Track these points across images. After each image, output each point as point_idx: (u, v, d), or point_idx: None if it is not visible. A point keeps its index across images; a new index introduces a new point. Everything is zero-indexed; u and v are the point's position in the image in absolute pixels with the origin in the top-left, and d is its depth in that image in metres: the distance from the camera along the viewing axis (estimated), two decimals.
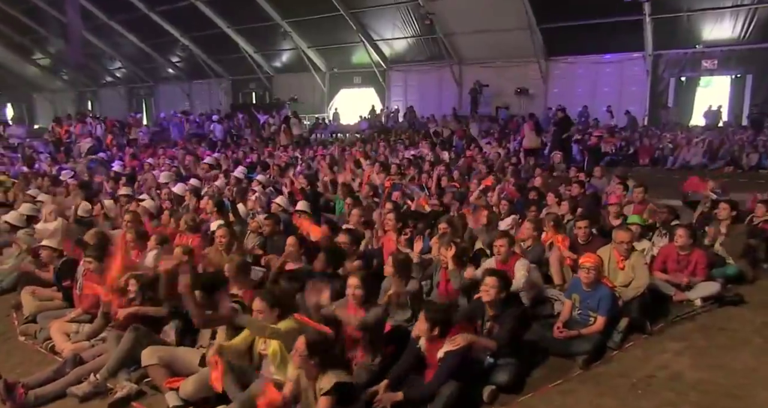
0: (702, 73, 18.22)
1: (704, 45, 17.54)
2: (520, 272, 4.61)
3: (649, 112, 18.98)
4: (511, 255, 4.73)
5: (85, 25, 26.26)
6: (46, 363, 4.30)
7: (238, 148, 14.83)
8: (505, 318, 3.95)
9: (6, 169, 11.49)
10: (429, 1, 19.82)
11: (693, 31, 17.55)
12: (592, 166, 9.41)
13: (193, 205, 6.95)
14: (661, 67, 18.63)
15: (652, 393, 3.73)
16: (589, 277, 4.23)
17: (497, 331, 3.92)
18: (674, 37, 17.74)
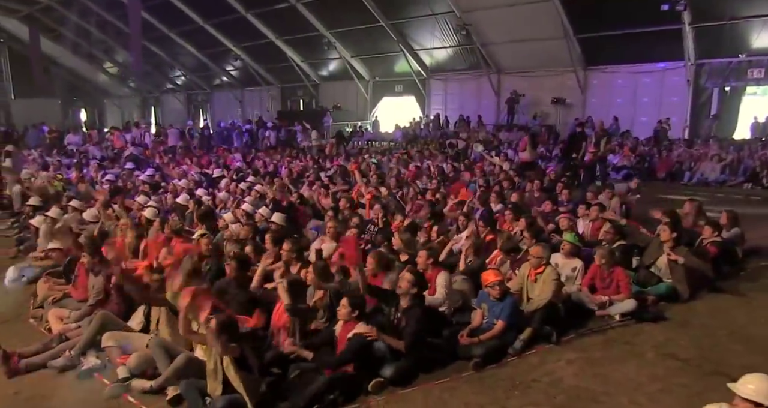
0: (748, 82, 17.69)
1: (749, 53, 17.05)
2: (440, 286, 5.26)
3: (690, 122, 18.61)
4: (430, 267, 5.36)
5: (147, 36, 28.72)
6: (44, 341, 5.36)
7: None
8: (410, 319, 4.63)
9: (60, 173, 13.14)
10: (465, 12, 20.37)
11: (738, 39, 17.06)
12: (587, 183, 9.68)
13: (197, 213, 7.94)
14: (703, 77, 18.22)
15: (525, 395, 4.28)
16: (494, 291, 4.83)
17: (404, 331, 4.61)
18: (717, 45, 17.30)
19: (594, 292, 5.69)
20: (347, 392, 4.16)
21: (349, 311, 4.39)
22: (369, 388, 4.26)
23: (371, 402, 4.19)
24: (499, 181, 10.14)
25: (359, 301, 4.49)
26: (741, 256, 7.07)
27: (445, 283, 5.26)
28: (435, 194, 8.76)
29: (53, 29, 32.84)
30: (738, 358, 4.69)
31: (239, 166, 13.05)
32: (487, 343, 4.74)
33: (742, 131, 17.80)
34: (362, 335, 4.32)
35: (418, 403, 4.16)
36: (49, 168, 13.45)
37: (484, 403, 4.17)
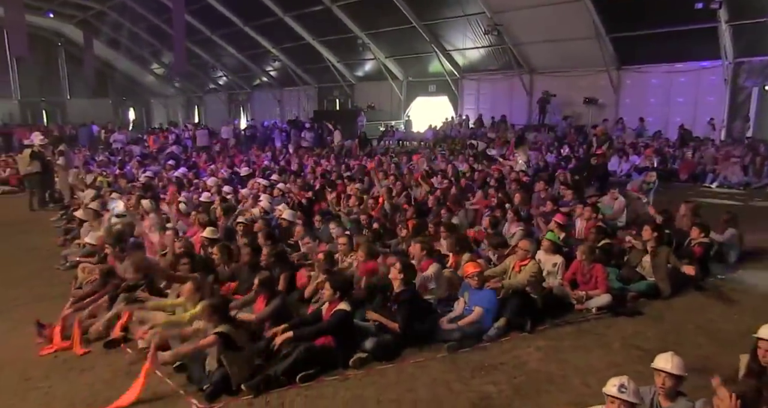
0: None
1: None
2: (428, 271, 5.83)
3: (727, 123, 18.35)
4: (424, 258, 5.93)
5: (191, 38, 30.23)
6: None
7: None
8: (401, 306, 5.24)
9: (104, 170, 14.33)
10: (496, 13, 20.66)
11: None
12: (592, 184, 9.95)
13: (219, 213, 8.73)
14: (742, 76, 17.94)
15: (489, 375, 4.79)
16: (473, 281, 5.37)
17: (398, 313, 5.22)
18: (757, 43, 17.04)
19: (576, 287, 6.12)
20: (328, 365, 4.79)
21: (331, 293, 5.01)
22: (350, 362, 4.87)
23: (350, 374, 4.80)
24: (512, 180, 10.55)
25: (341, 283, 5.10)
26: (736, 258, 7.30)
27: (432, 271, 5.82)
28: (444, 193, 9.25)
29: (105, 33, 34.90)
30: (698, 349, 5.06)
31: (267, 165, 13.90)
32: (464, 328, 5.27)
33: None
34: (344, 311, 4.92)
35: (391, 378, 4.74)
36: (93, 165, 14.66)
37: (450, 380, 4.70)
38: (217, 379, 4.48)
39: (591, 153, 11.12)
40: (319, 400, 4.47)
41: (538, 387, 4.57)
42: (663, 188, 11.66)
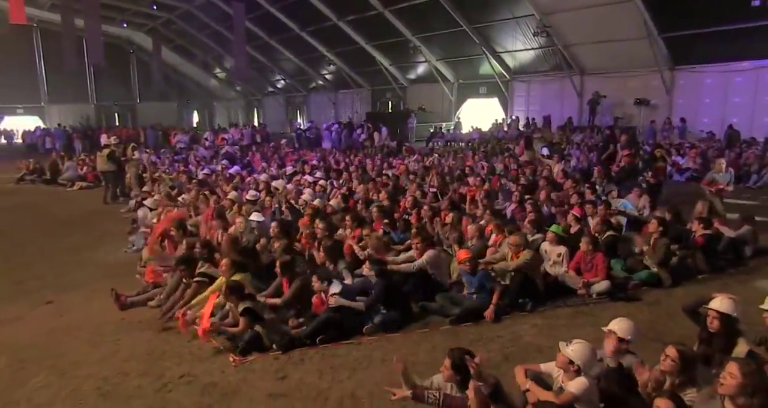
0: None
1: None
2: (424, 257, 6.60)
3: None
4: (425, 248, 6.70)
5: (251, 44, 32.10)
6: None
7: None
8: (377, 285, 6.04)
9: (167, 168, 15.87)
10: (546, 15, 21.00)
11: None
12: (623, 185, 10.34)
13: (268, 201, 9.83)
14: None
15: (485, 345, 5.48)
16: (465, 266, 6.09)
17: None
18: None
19: (579, 274, 6.70)
20: (345, 331, 5.66)
21: (318, 284, 5.91)
22: (364, 330, 5.72)
23: (362, 340, 5.65)
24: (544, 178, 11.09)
25: (326, 274, 6.03)
26: (750, 254, 7.63)
27: (428, 257, 6.59)
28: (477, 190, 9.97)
29: (172, 40, 37.50)
30: (683, 330, 5.53)
31: (314, 164, 15.01)
32: (460, 305, 6.01)
33: None
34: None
35: (397, 343, 5.54)
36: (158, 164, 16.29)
37: (448, 347, 5.45)
38: (248, 338, 5.44)
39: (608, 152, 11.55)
40: (334, 357, 5.34)
41: (525, 355, 5.24)
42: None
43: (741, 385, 3.02)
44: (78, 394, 4.94)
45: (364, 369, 5.14)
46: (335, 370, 5.13)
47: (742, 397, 3.02)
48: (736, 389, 3.04)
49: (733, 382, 3.05)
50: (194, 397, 4.76)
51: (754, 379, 3.03)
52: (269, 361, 5.34)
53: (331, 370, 5.13)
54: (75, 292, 7.64)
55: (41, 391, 5.03)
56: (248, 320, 5.45)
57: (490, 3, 21.92)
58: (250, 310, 5.44)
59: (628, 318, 5.92)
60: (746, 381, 3.02)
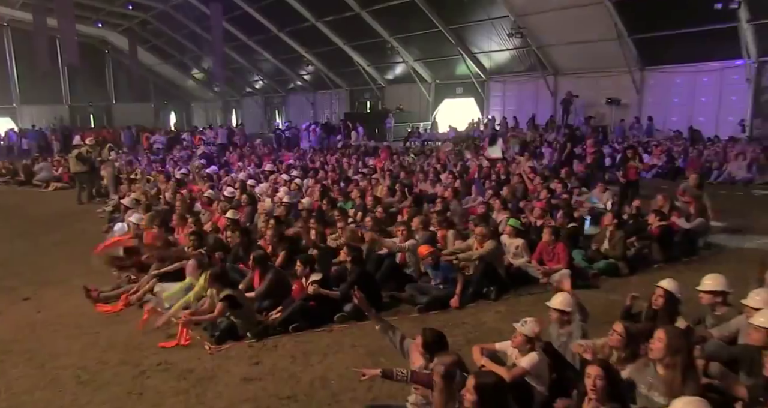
0: None
1: None
2: (407, 243, 6.96)
3: (751, 122, 18.64)
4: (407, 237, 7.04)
5: (229, 44, 32.14)
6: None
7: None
8: (352, 272, 6.34)
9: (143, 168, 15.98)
10: (520, 16, 21.49)
11: None
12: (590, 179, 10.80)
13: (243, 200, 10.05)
14: (765, 75, 18.25)
15: (450, 331, 5.75)
16: (427, 261, 6.43)
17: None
18: None
19: (542, 264, 7.08)
20: (316, 319, 5.95)
21: (302, 268, 6.24)
22: (335, 319, 6.01)
23: (333, 328, 5.94)
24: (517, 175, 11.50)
25: (309, 258, 6.38)
26: (703, 245, 8.10)
27: (410, 244, 6.97)
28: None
29: (148, 40, 37.31)
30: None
31: (290, 163, 15.26)
32: (428, 294, 6.34)
33: None
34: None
35: (366, 330, 5.83)
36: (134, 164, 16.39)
37: (415, 334, 5.72)
38: (223, 327, 5.70)
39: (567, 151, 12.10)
40: (306, 344, 5.63)
41: (486, 339, 5.54)
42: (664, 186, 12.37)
43: (666, 347, 3.39)
44: (57, 382, 5.15)
45: (335, 354, 5.44)
46: (307, 355, 5.42)
47: (668, 357, 3.39)
48: (662, 352, 3.40)
49: (660, 345, 3.42)
50: (171, 383, 5.01)
51: (676, 341, 3.42)
52: (243, 349, 5.61)
53: (303, 355, 5.42)
54: (52, 289, 7.80)
55: (21, 380, 5.23)
56: (225, 306, 5.69)
57: (466, 4, 22.30)
58: (230, 297, 5.68)
59: (586, 304, 6.38)
60: (670, 342, 3.39)
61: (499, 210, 8.78)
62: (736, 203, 11.44)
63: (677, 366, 3.33)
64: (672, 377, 3.32)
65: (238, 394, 4.74)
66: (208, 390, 4.85)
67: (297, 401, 4.62)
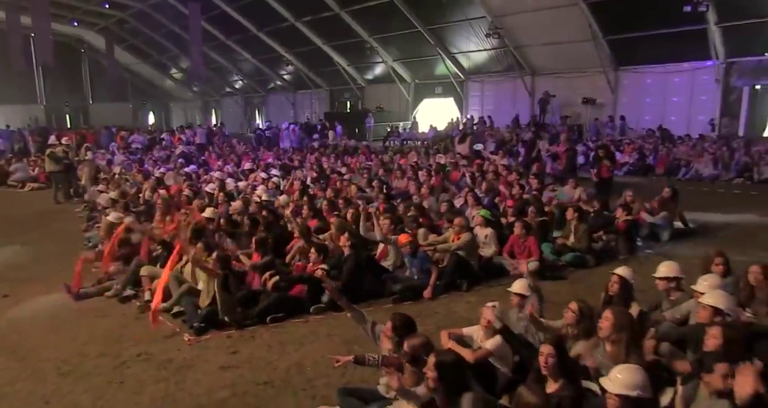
0: None
1: None
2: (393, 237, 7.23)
3: (719, 121, 19.26)
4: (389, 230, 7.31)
5: (207, 44, 32.09)
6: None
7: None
8: (347, 263, 6.57)
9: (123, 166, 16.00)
10: (497, 17, 21.90)
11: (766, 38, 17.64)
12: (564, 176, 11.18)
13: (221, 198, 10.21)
14: (733, 76, 18.88)
15: (423, 320, 5.99)
16: (406, 249, 6.69)
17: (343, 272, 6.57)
18: (747, 44, 17.97)
19: (513, 257, 7.38)
20: (294, 311, 6.17)
21: (315, 255, 6.57)
22: (311, 310, 6.23)
23: (310, 319, 6.16)
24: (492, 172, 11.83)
25: (323, 247, 6.75)
26: (669, 237, 8.48)
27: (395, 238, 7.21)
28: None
29: (125, 39, 37.03)
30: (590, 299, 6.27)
31: (269, 162, 15.43)
32: (405, 283, 6.60)
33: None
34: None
35: (342, 320, 6.04)
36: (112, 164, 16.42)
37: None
38: (205, 314, 5.88)
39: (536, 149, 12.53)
40: (283, 334, 5.85)
41: (457, 327, 5.83)
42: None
43: (612, 325, 3.70)
44: (38, 374, 5.28)
45: (311, 343, 5.66)
46: (283, 344, 5.63)
47: (614, 334, 3.69)
48: (609, 329, 3.71)
49: (607, 323, 3.73)
50: (151, 372, 5.18)
51: (621, 319, 3.75)
52: (222, 340, 5.80)
53: (280, 344, 5.64)
54: (32, 286, 7.87)
55: (2, 373, 5.35)
56: (220, 265, 5.96)
57: (444, 5, 22.64)
58: (226, 277, 5.90)
59: (553, 294, 6.70)
60: (616, 320, 3.71)
61: (472, 206, 9.06)
62: (703, 199, 11.93)
63: (622, 341, 3.64)
64: (617, 352, 3.62)
65: (216, 381, 4.94)
66: (187, 378, 5.04)
67: (273, 387, 4.83)
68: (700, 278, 4.76)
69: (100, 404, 4.68)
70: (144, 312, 6.52)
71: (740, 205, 11.35)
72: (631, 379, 3.00)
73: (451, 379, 3.40)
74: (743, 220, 10.12)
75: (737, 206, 11.27)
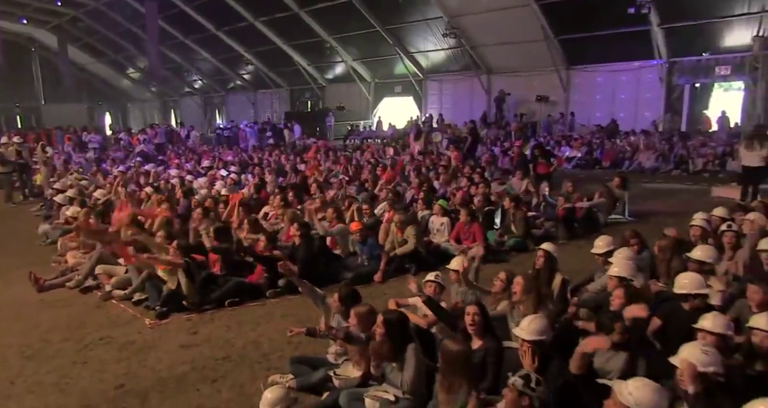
0: (716, 79, 19.38)
1: (718, 52, 18.69)
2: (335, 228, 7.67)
3: (663, 117, 20.39)
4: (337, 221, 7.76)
5: (165, 43, 31.89)
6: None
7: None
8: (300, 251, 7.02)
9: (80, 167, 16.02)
10: (453, 17, 22.59)
11: (704, 39, 18.79)
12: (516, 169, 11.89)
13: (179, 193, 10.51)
14: (675, 74, 20.01)
15: (372, 299, 6.50)
16: (356, 237, 7.18)
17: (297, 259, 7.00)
18: (687, 44, 19.09)
19: (459, 243, 7.93)
20: (251, 295, 6.57)
21: (264, 243, 6.86)
22: (267, 294, 6.64)
23: (267, 302, 6.58)
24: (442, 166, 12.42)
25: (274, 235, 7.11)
26: (604, 222, 9.19)
27: (338, 229, 7.68)
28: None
29: (80, 38, 36.41)
30: None
31: (229, 160, 15.72)
32: (356, 271, 7.07)
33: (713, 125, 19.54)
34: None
35: (296, 302, 6.49)
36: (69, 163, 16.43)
37: None
38: (166, 297, 6.24)
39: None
40: (241, 316, 6.25)
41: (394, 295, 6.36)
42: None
43: (522, 289, 4.28)
44: (2, 359, 5.54)
45: (267, 323, 6.08)
46: (241, 325, 6.04)
47: (523, 296, 4.26)
48: (520, 293, 4.28)
49: (518, 288, 4.30)
50: (113, 353, 5.51)
51: (529, 283, 4.35)
52: (182, 322, 6.16)
53: (238, 325, 6.04)
54: None
55: None
56: (182, 253, 6.30)
57: (402, 5, 23.21)
58: (189, 264, 6.24)
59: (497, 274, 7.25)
60: (525, 285, 4.29)
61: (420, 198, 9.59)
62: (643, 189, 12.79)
63: (530, 301, 4.23)
64: (527, 310, 4.20)
65: (177, 359, 5.31)
66: (148, 357, 5.39)
67: (231, 361, 5.23)
68: (615, 252, 5.38)
69: (65, 382, 4.99)
70: (106, 300, 6.83)
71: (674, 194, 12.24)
72: (537, 327, 3.54)
73: (396, 333, 3.93)
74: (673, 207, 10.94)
75: (672, 195, 12.15)
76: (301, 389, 4.49)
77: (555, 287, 5.22)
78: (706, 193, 11.86)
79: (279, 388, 4.35)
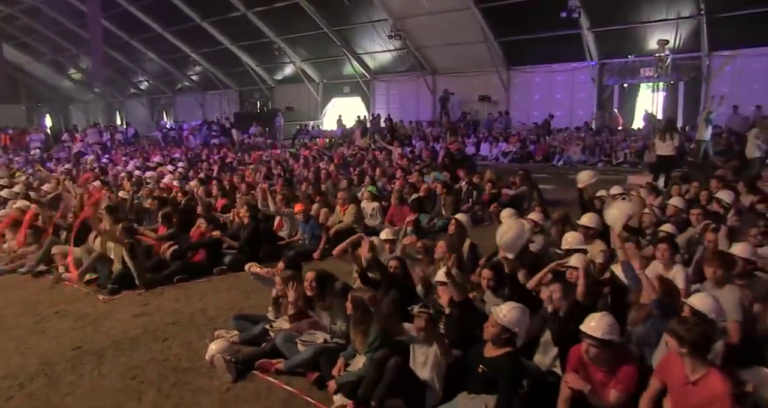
0: (641, 80, 20.98)
1: (642, 54, 20.26)
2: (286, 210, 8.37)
3: (596, 116, 21.90)
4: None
5: (109, 43, 31.61)
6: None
7: None
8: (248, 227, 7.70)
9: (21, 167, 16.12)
10: (398, 19, 23.53)
11: (631, 42, 20.32)
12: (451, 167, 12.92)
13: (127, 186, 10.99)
14: (606, 76, 21.56)
15: None
16: (299, 217, 7.93)
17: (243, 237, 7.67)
18: (615, 47, 20.61)
19: (393, 225, 8.76)
20: (198, 273, 7.22)
21: (206, 224, 7.49)
22: (214, 271, 7.30)
23: (213, 279, 7.24)
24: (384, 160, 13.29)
25: (213, 218, 7.63)
26: (527, 207, 10.21)
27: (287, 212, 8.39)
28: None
29: (16, 37, 35.52)
30: None
31: (176, 157, 16.18)
32: (298, 249, 7.80)
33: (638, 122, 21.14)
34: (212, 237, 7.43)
35: (241, 279, 7.15)
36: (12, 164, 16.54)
37: None
38: (117, 276, 6.81)
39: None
40: (188, 290, 6.90)
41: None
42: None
43: (443, 250, 5.17)
44: None
45: (213, 294, 6.75)
46: (189, 297, 6.68)
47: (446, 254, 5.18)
48: (440, 253, 5.16)
49: (440, 250, 5.18)
50: (69, 323, 6.07)
51: (452, 241, 5.23)
52: (134, 297, 6.76)
53: (186, 297, 6.68)
54: None
55: None
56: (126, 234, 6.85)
57: (348, 7, 23.94)
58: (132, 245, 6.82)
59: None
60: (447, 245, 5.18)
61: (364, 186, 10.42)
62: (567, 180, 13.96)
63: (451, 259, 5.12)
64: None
65: (130, 325, 5.92)
66: (103, 325, 5.97)
67: (180, 325, 5.88)
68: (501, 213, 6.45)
69: (24, 347, 5.52)
70: (59, 282, 7.32)
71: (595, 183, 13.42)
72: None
73: (324, 285, 4.75)
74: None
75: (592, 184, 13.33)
76: (243, 342, 5.19)
77: (464, 250, 6.11)
78: (623, 181, 13.10)
79: (222, 340, 5.10)
